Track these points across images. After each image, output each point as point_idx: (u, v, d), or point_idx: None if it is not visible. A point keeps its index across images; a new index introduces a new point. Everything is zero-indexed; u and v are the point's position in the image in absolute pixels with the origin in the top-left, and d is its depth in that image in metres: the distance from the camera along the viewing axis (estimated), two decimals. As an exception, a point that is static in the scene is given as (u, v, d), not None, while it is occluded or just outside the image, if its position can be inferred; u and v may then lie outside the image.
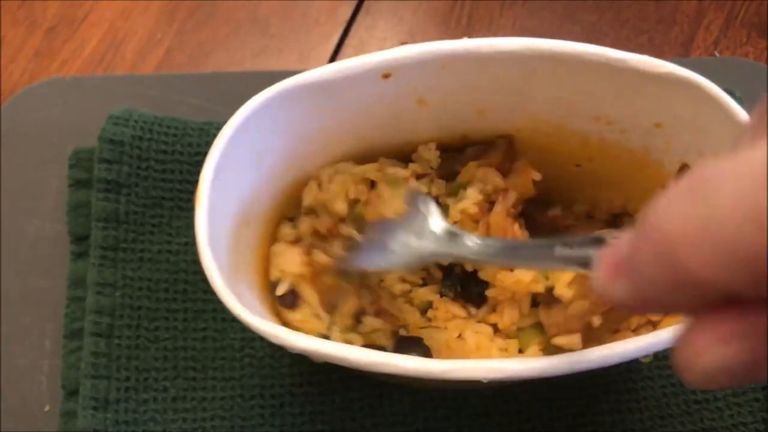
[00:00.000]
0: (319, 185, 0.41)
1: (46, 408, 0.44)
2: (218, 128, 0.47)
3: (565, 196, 0.45)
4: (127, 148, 0.46)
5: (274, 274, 0.40)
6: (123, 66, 0.55)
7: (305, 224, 0.41)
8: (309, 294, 0.40)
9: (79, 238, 0.46)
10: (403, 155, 0.42)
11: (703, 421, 0.43)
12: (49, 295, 0.46)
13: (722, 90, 0.36)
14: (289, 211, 0.42)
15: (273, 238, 0.41)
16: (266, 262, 0.41)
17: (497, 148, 0.42)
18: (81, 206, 0.47)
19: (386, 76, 0.37)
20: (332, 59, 0.56)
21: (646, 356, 0.32)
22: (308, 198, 0.41)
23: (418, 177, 0.42)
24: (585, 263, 0.27)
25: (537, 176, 0.41)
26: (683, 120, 0.38)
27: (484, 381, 0.31)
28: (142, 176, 0.46)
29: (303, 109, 0.37)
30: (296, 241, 0.41)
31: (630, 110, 0.39)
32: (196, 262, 0.45)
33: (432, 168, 0.42)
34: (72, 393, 0.43)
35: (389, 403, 0.43)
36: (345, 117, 0.39)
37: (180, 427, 0.42)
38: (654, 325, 0.38)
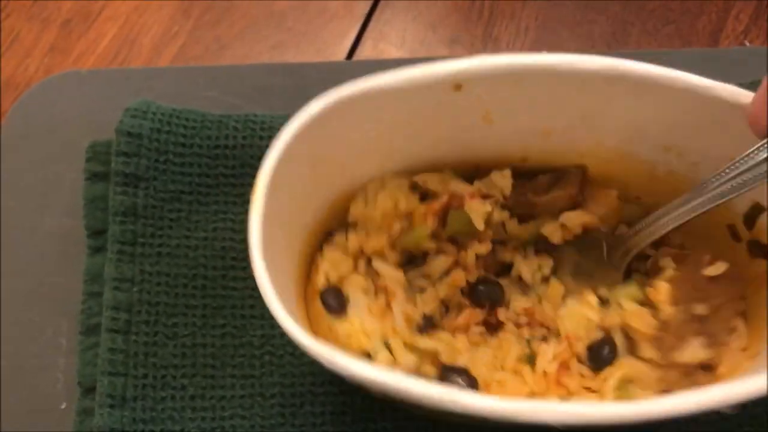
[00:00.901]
0: (366, 200, 0.40)
1: (63, 406, 0.43)
2: (237, 121, 0.47)
3: None
4: (145, 140, 0.45)
5: (320, 282, 0.39)
6: (138, 60, 0.54)
7: (353, 241, 0.40)
8: (358, 297, 0.39)
9: (96, 233, 0.45)
10: (462, 173, 0.41)
11: (742, 427, 0.41)
12: (65, 292, 0.45)
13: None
14: (334, 224, 0.40)
15: (314, 251, 0.40)
16: (305, 275, 0.40)
17: (571, 179, 0.40)
18: (98, 200, 0.46)
19: (458, 87, 0.35)
20: (351, 53, 0.55)
21: (731, 408, 0.30)
22: (353, 215, 0.40)
23: (483, 197, 0.40)
24: None
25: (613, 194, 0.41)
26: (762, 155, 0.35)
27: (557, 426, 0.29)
28: (161, 169, 0.45)
29: (363, 118, 0.36)
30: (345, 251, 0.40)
31: (705, 142, 0.37)
32: (215, 257, 0.44)
33: (504, 196, 0.40)
34: (88, 390, 0.42)
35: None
36: (406, 129, 0.37)
37: (198, 426, 0.41)
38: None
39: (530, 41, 0.55)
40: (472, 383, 0.38)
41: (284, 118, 0.47)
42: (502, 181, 0.40)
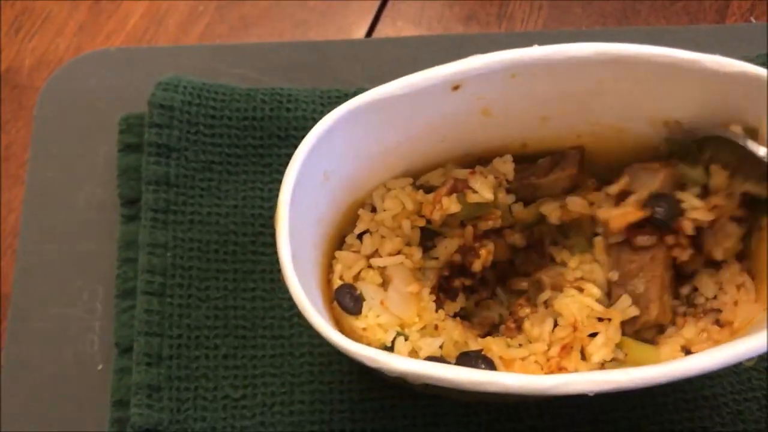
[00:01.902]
0: (374, 209, 0.41)
1: (99, 367, 0.45)
2: (264, 94, 0.49)
3: None
4: (176, 113, 0.47)
5: (336, 281, 0.40)
6: (166, 39, 0.56)
7: (367, 245, 0.41)
8: (372, 293, 0.40)
9: (130, 202, 0.47)
10: (465, 166, 0.42)
11: (752, 381, 0.43)
12: (100, 259, 0.47)
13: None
14: (347, 230, 0.42)
15: (332, 257, 0.41)
16: (326, 279, 0.41)
17: (570, 160, 0.42)
18: (131, 170, 0.48)
19: (456, 87, 0.36)
20: (370, 31, 0.56)
21: (750, 360, 0.32)
22: (363, 224, 0.41)
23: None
24: None
25: None
26: (753, 119, 0.37)
27: (590, 394, 0.31)
28: (192, 140, 0.47)
29: (370, 126, 0.37)
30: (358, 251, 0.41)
31: (699, 111, 0.38)
32: (245, 224, 0.46)
33: (508, 181, 0.42)
34: (125, 350, 0.44)
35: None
36: (409, 132, 0.39)
37: (231, 384, 0.43)
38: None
39: (543, 18, 0.56)
40: (490, 365, 0.39)
41: (309, 92, 0.50)
42: (504, 166, 0.42)
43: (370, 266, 0.40)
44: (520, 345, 0.40)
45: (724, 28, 0.55)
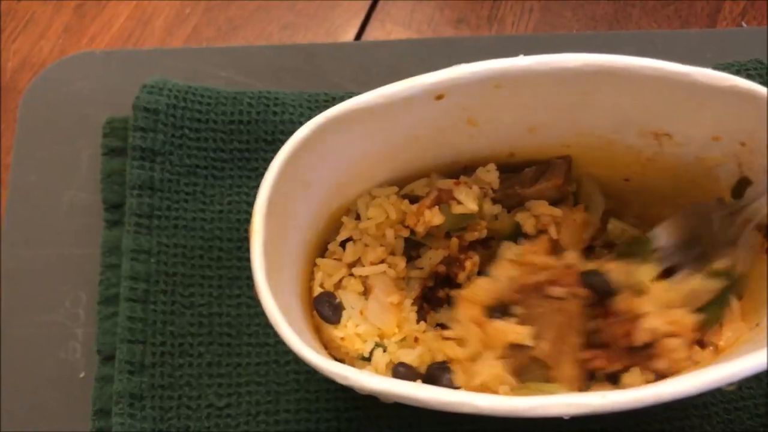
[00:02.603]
0: (357, 216, 0.41)
1: (82, 375, 0.44)
2: (251, 98, 0.48)
3: (613, 211, 0.43)
4: (161, 116, 0.46)
5: (316, 290, 0.40)
6: (151, 41, 0.55)
7: (350, 254, 0.40)
8: (352, 302, 0.39)
9: (113, 206, 0.46)
10: (450, 175, 0.41)
11: (742, 389, 0.43)
12: (83, 265, 0.46)
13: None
14: (329, 237, 0.41)
15: (313, 265, 0.41)
16: (307, 287, 0.40)
17: (557, 169, 0.41)
18: (115, 174, 0.47)
19: (439, 97, 0.35)
20: (359, 33, 0.56)
21: (731, 385, 0.31)
22: (346, 232, 0.40)
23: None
24: None
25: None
26: (743, 133, 0.37)
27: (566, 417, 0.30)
28: (177, 144, 0.46)
29: (351, 135, 0.36)
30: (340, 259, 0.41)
31: (688, 124, 0.37)
32: (230, 229, 0.45)
33: (493, 190, 0.41)
34: (108, 358, 0.43)
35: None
36: (392, 141, 0.38)
37: (215, 392, 0.42)
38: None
39: (534, 22, 0.56)
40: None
41: (296, 95, 0.49)
42: (489, 175, 0.41)
43: (351, 275, 0.40)
44: None
45: (716, 32, 0.55)
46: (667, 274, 0.39)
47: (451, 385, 0.37)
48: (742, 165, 0.38)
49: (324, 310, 0.39)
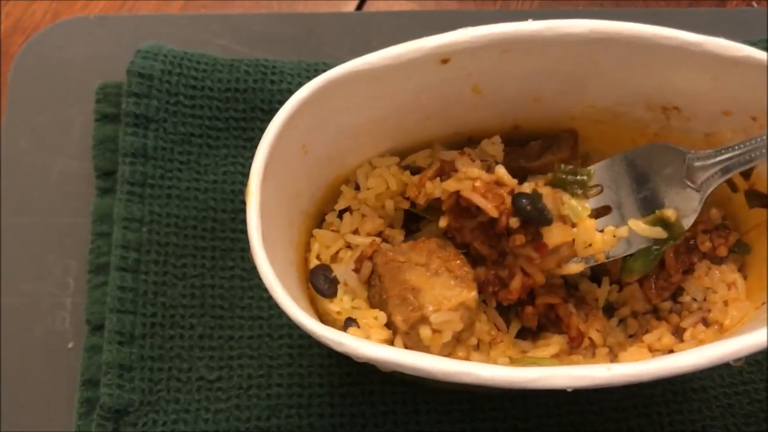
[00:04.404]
0: (357, 186, 0.40)
1: (70, 345, 0.43)
2: (248, 65, 0.47)
3: None
4: (156, 82, 0.45)
5: (312, 261, 0.39)
6: (147, 7, 0.54)
7: (347, 224, 0.39)
8: (348, 274, 0.38)
9: (106, 174, 0.45)
10: (454, 146, 0.40)
11: (743, 374, 0.42)
12: (73, 232, 0.45)
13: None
14: (328, 207, 0.40)
15: (311, 234, 0.40)
16: (304, 257, 0.39)
17: (563, 143, 0.40)
18: (108, 141, 0.46)
19: (444, 61, 0.34)
20: (361, 4, 0.55)
21: (738, 360, 0.30)
22: (344, 201, 0.39)
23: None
24: None
25: None
26: (755, 107, 0.35)
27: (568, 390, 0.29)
28: (171, 111, 0.45)
29: (352, 99, 0.35)
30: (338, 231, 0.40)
31: (698, 97, 0.36)
32: (225, 200, 0.44)
33: (497, 162, 0.39)
34: (97, 328, 0.42)
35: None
36: (394, 107, 0.37)
37: (207, 365, 0.41)
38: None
39: (540, -2, 0.55)
40: None
41: (294, 64, 0.48)
42: (493, 147, 0.40)
43: (349, 246, 0.39)
44: None
45: (725, 11, 0.54)
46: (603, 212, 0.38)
47: None
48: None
49: (319, 283, 0.38)
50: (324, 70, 0.47)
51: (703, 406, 0.42)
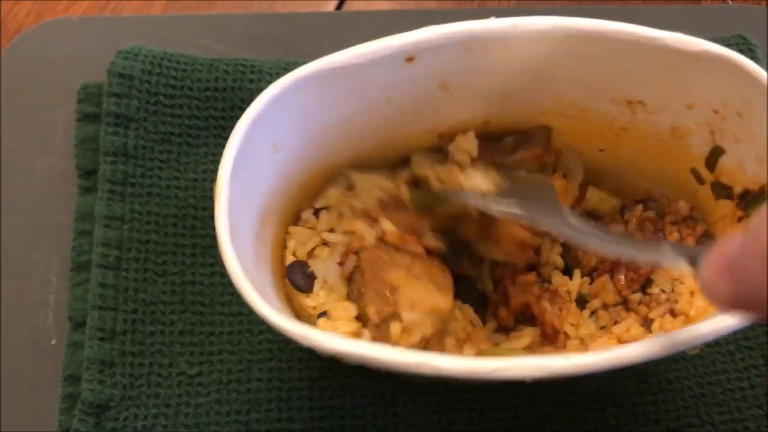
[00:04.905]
0: (349, 188, 0.40)
1: (53, 342, 0.44)
2: (227, 65, 0.47)
3: (589, 182, 0.43)
4: (136, 82, 0.46)
5: (288, 258, 0.39)
6: (129, 8, 0.55)
7: (324, 222, 0.40)
8: (325, 270, 0.39)
9: (87, 173, 0.46)
10: (429, 145, 0.41)
11: (715, 364, 0.43)
12: (56, 231, 0.46)
13: (750, 59, 0.34)
14: (304, 205, 0.41)
15: (286, 232, 0.41)
16: (280, 255, 0.40)
17: (536, 139, 0.41)
18: (89, 140, 0.46)
19: (410, 59, 0.35)
20: (340, 3, 0.55)
21: (694, 348, 0.32)
22: (332, 199, 0.40)
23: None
24: (692, 260, 0.28)
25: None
26: (717, 100, 0.36)
27: (528, 381, 0.30)
28: (151, 111, 0.46)
29: (320, 98, 0.36)
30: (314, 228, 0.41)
31: (661, 91, 0.37)
32: (204, 198, 0.45)
33: (472, 158, 0.41)
34: (78, 325, 0.43)
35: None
36: (364, 105, 0.38)
37: (187, 360, 0.42)
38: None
39: (518, -5, 0.55)
40: None
41: (273, 63, 0.48)
42: (467, 143, 0.41)
43: (325, 243, 0.39)
44: None
45: (701, 8, 0.54)
46: None
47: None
48: (714, 133, 0.37)
49: (296, 278, 0.39)
50: (302, 69, 0.48)
51: (677, 396, 0.42)
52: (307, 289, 0.38)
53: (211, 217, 0.45)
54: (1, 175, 0.47)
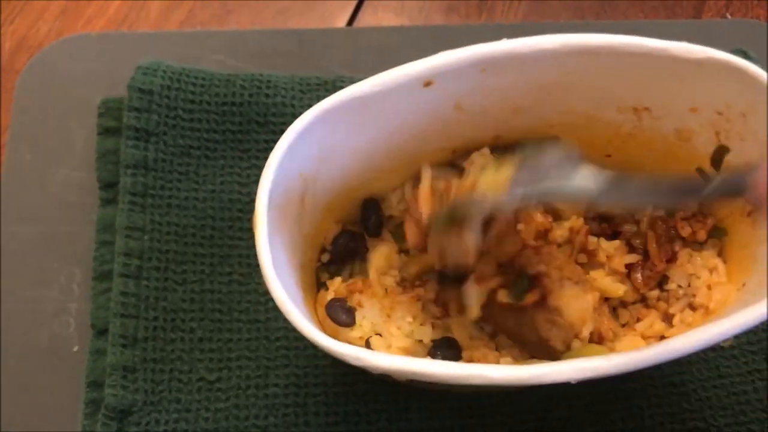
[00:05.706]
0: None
1: (75, 348, 0.45)
2: (244, 80, 0.49)
3: None
4: (155, 97, 0.47)
5: (330, 294, 0.41)
6: (146, 25, 0.56)
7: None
8: (368, 304, 0.40)
9: (108, 185, 0.47)
10: (443, 160, 0.43)
11: (720, 368, 0.44)
12: (77, 241, 0.47)
13: (752, 64, 0.36)
14: (330, 226, 0.43)
15: (316, 254, 0.42)
16: (310, 279, 0.42)
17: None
18: (109, 154, 0.48)
19: (428, 84, 0.37)
20: (351, 19, 0.57)
21: (727, 340, 0.33)
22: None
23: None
24: (736, 190, 0.30)
25: None
26: (720, 103, 0.38)
27: (573, 382, 0.31)
28: (170, 125, 0.47)
29: (343, 126, 0.37)
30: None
31: (667, 97, 0.39)
32: (222, 208, 0.46)
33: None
34: (101, 332, 0.44)
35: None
36: (383, 128, 0.39)
37: (206, 366, 0.43)
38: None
39: (523, 11, 0.57)
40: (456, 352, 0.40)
41: (288, 78, 0.50)
42: (483, 159, 0.42)
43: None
44: None
45: (701, 23, 0.56)
46: None
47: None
48: (719, 133, 0.39)
49: (338, 315, 0.40)
50: (316, 84, 0.50)
51: (682, 400, 0.43)
52: (350, 323, 0.39)
53: (229, 227, 0.46)
54: (22, 187, 0.48)
